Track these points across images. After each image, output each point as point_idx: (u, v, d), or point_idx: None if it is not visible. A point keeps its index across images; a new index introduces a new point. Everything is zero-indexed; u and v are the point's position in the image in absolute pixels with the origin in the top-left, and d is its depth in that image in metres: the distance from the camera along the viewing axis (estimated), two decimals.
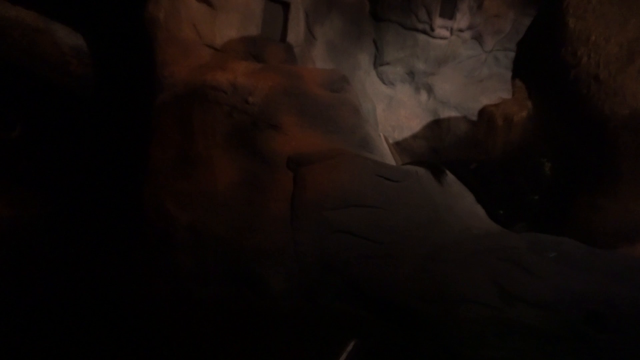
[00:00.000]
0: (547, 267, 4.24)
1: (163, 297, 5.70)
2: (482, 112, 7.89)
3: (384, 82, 10.70)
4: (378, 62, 10.48)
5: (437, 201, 5.48)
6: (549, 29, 5.00)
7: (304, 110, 5.86)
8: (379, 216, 5.26)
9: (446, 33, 10.19)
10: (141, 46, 8.50)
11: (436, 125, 10.97)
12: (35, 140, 9.76)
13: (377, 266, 4.95)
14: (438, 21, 9.97)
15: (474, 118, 10.82)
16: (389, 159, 7.01)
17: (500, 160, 8.34)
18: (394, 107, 10.76)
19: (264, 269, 5.24)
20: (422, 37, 10.23)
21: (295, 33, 7.58)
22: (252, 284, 5.25)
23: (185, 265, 5.60)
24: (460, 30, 10.36)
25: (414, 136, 11.01)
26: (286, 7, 7.44)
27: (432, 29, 10.04)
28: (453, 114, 10.90)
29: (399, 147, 10.84)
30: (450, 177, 5.86)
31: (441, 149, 10.94)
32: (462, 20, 10.21)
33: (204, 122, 5.78)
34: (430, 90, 10.92)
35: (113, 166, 10.61)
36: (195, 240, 5.62)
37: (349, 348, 4.38)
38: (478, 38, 10.84)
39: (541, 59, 5.25)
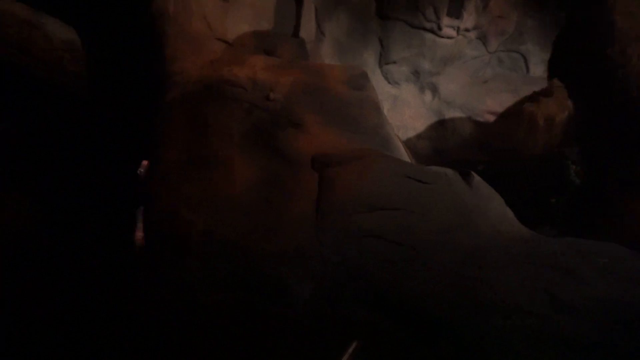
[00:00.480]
0: (599, 274, 4.05)
1: (173, 304, 5.35)
2: (522, 111, 7.74)
3: (388, 82, 10.48)
4: (383, 60, 10.27)
5: (467, 204, 5.26)
6: (593, 27, 4.82)
7: (326, 108, 5.59)
8: (409, 219, 5.02)
9: (453, 32, 10.04)
10: (141, 41, 8.12)
11: (441, 126, 10.81)
12: (25, 140, 9.25)
13: (407, 272, 4.70)
14: (445, 20, 9.80)
15: (479, 119, 10.69)
16: (407, 159, 6.79)
17: (512, 161, 8.22)
18: (398, 107, 10.55)
19: (287, 274, 4.94)
20: (429, 36, 10.05)
21: (308, 28, 7.31)
22: (274, 289, 4.94)
23: (200, 271, 5.25)
24: (467, 30, 10.22)
25: (418, 136, 10.83)
26: (299, 1, 7.16)
27: (440, 28, 9.87)
28: (458, 114, 10.75)
29: None
30: (477, 178, 5.64)
31: (445, 149, 10.78)
32: (468, 20, 10.06)
33: (220, 120, 5.45)
34: (435, 90, 10.75)
35: (110, 168, 10.16)
36: (211, 244, 5.29)
37: (350, 349, 4.20)
38: (482, 38, 10.72)
39: (584, 58, 5.08)
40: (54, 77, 9.81)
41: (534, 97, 7.66)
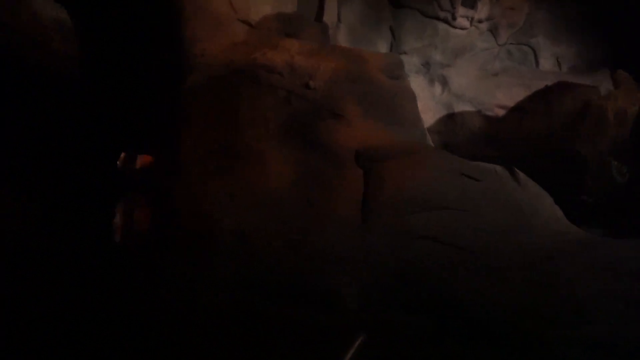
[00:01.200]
0: None
1: (199, 306, 4.82)
2: (589, 105, 7.42)
3: None
4: (394, 50, 9.86)
5: (520, 203, 4.95)
6: None
7: (367, 98, 5.16)
8: (463, 220, 4.66)
9: (467, 23, 9.74)
10: (144, 19, 7.47)
11: (450, 120, 10.51)
12: (12, 131, 8.44)
13: (472, 278, 4.33)
14: (460, 10, 9.47)
15: (489, 113, 10.45)
16: None
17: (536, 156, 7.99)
18: None
19: (334, 280, 4.50)
20: (442, 27, 9.72)
21: (331, 13, 6.85)
22: (322, 297, 4.50)
23: (232, 275, 4.76)
24: (480, 21, 9.94)
25: (427, 130, 10.48)
26: None
27: (454, 18, 9.54)
28: (467, 108, 10.48)
29: None
30: (523, 175, 5.33)
31: (454, 144, 10.48)
32: (482, 10, 9.78)
33: (253, 109, 4.94)
34: (444, 83, 10.44)
35: (105, 159, 9.46)
36: (243, 247, 4.80)
37: (357, 344, 3.85)
38: (493, 30, 10.47)
39: None
40: (42, 59, 8.99)
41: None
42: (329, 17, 6.82)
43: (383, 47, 9.60)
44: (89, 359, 4.88)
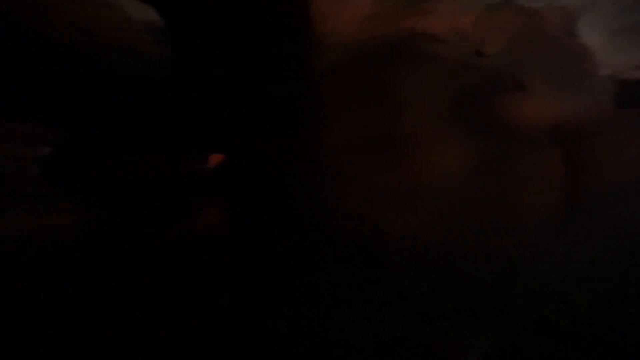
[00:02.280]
0: None
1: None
2: None
3: None
4: None
5: None
6: None
7: (550, 62, 4.20)
8: None
9: None
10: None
11: None
12: (100, 140, 8.11)
13: None
14: None
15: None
16: None
17: None
18: None
19: (539, 299, 3.60)
20: None
21: None
22: (523, 319, 3.61)
23: (409, 298, 3.95)
24: None
25: None
26: None
27: None
28: None
29: None
30: None
31: None
32: None
33: (414, 87, 4.13)
34: None
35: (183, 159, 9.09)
36: (419, 259, 3.99)
37: None
38: None
39: None
40: (132, 64, 8.69)
41: None
42: None
43: None
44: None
